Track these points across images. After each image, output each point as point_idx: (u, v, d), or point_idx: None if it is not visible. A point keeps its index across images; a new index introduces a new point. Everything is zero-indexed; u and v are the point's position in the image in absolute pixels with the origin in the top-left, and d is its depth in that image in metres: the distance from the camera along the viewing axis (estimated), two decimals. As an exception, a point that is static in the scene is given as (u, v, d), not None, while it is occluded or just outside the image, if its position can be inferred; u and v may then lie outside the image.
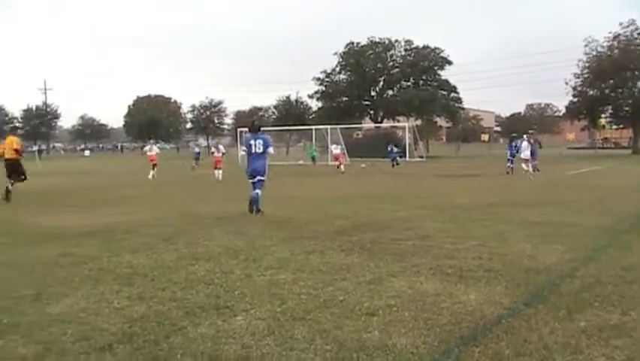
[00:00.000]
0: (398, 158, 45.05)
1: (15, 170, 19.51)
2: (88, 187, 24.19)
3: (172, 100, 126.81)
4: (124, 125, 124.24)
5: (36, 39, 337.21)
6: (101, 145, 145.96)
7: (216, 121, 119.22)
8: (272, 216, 13.65)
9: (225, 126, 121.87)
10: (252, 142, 14.35)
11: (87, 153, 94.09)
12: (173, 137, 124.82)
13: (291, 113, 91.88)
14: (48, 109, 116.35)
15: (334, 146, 43.98)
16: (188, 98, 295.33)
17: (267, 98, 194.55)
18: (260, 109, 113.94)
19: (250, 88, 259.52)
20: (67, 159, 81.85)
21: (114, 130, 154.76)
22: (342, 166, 37.84)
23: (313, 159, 49.13)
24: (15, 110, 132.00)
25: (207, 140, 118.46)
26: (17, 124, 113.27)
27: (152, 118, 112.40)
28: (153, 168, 30.59)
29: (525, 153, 29.37)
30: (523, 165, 29.25)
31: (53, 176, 35.86)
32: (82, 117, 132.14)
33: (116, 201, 18.53)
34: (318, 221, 12.80)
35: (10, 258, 9.09)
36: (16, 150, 19.65)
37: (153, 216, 14.01)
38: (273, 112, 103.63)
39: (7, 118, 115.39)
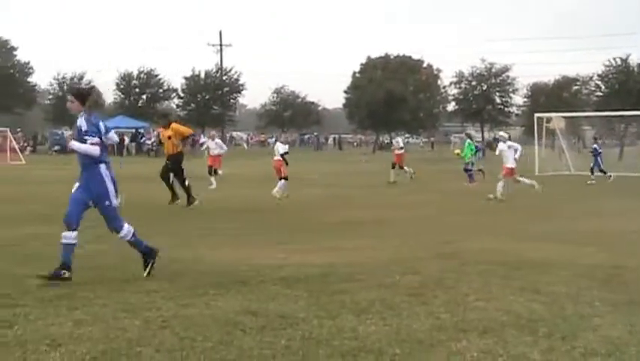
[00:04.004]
0: (601, 165, 26.08)
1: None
2: (287, 203, 17.83)
3: (424, 64, 78.56)
4: (344, 106, 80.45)
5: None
6: (308, 136, 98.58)
7: (497, 99, 73.73)
8: (591, 263, 8.84)
9: (513, 109, 74.69)
10: None
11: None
12: (425, 125, 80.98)
13: (627, 86, 57.18)
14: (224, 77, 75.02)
15: None
16: (449, 61, 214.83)
17: (584, 63, 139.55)
18: (575, 80, 70.86)
19: (556, 46, 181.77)
20: (251, 158, 48.75)
21: (328, 112, 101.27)
22: None
23: None
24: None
25: (482, 131, 72.93)
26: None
27: (391, 94, 69.08)
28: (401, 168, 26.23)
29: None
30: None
31: (232, 184, 24.46)
32: (277, 92, 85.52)
33: (331, 227, 13.42)
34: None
35: (164, 314, 6.02)
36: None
37: (392, 256, 9.66)
38: (597, 85, 64.75)
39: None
